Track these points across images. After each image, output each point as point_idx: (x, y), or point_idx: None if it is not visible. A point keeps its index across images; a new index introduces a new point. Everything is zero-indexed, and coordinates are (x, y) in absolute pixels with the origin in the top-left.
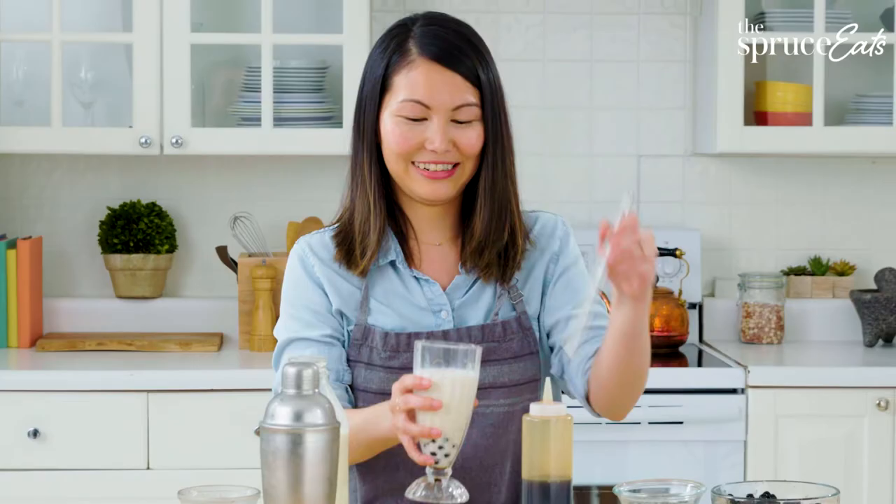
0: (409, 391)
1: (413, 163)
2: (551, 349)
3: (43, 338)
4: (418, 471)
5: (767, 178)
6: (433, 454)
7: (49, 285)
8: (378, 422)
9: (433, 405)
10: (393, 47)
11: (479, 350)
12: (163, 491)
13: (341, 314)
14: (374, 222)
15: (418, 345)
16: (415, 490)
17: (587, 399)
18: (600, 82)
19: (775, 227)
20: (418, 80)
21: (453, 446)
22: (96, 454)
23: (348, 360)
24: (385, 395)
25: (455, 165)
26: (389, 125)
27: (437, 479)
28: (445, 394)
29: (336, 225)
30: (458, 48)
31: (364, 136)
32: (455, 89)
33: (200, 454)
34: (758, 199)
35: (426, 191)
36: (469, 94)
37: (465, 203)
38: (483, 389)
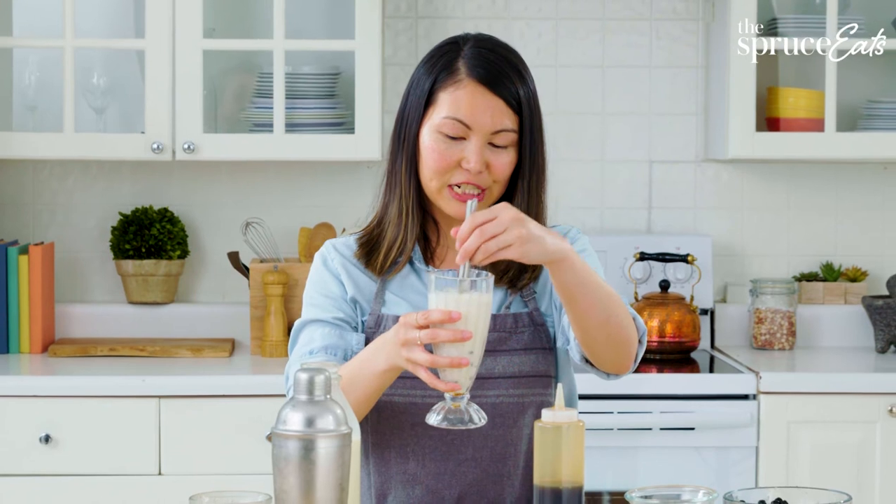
0: (426, 327)
1: (449, 186)
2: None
3: (55, 343)
4: (429, 459)
5: (779, 183)
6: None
7: (61, 291)
8: (372, 360)
9: (464, 336)
10: (442, 64)
11: (491, 276)
12: (174, 496)
13: (356, 302)
14: (408, 229)
15: (432, 275)
16: (434, 416)
17: (587, 361)
18: (612, 88)
19: (787, 233)
20: (463, 99)
21: (475, 368)
22: (108, 459)
23: (365, 343)
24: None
25: (483, 191)
26: (429, 140)
27: (455, 404)
28: (470, 322)
29: (361, 230)
30: (504, 73)
31: (405, 147)
32: (497, 113)
33: (212, 460)
34: (769, 204)
35: (455, 211)
36: (509, 120)
37: None
38: (493, 379)
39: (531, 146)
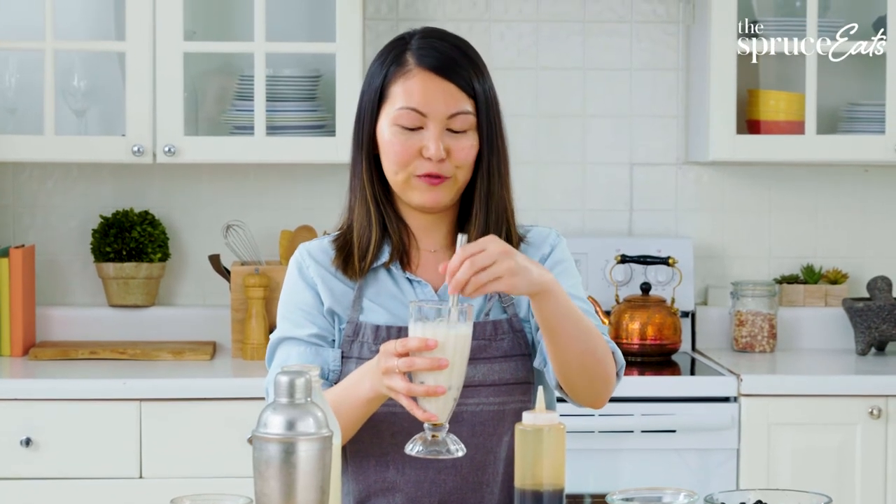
0: (405, 354)
1: (415, 176)
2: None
3: (35, 346)
4: (408, 468)
5: (760, 186)
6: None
7: (42, 293)
8: (357, 386)
9: (441, 364)
10: (391, 59)
11: (472, 307)
12: (155, 500)
13: (333, 313)
14: (372, 230)
15: (413, 305)
16: (413, 446)
17: (561, 388)
18: (593, 90)
19: (768, 236)
20: (414, 88)
21: (453, 400)
22: (89, 463)
23: (342, 357)
24: None
25: (446, 178)
26: (387, 135)
27: (434, 435)
28: (448, 351)
29: (337, 233)
30: (454, 60)
31: (363, 147)
32: (450, 98)
33: (193, 463)
34: (750, 207)
35: (424, 199)
36: (464, 104)
37: (462, 211)
38: (472, 387)
39: (489, 128)
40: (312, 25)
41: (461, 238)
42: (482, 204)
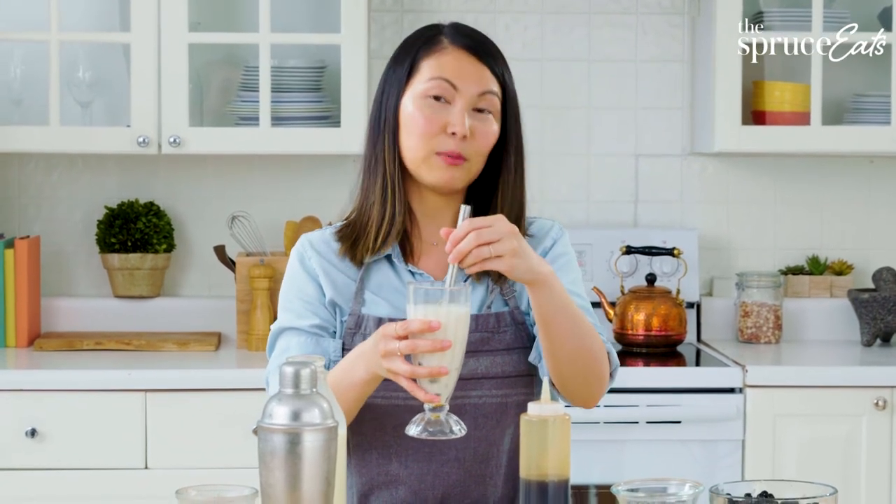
0: (405, 337)
1: (436, 154)
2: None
3: (41, 337)
4: (411, 460)
5: (765, 177)
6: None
7: (47, 284)
8: (352, 370)
9: (444, 346)
10: (423, 40)
11: (469, 286)
12: (161, 490)
13: (335, 305)
14: (395, 204)
15: (412, 286)
16: (414, 427)
17: (553, 385)
18: (598, 82)
19: (773, 227)
20: (448, 61)
21: (454, 380)
22: (94, 453)
23: (343, 349)
24: None
25: (464, 161)
26: (412, 108)
27: (435, 416)
28: (450, 332)
29: (340, 223)
30: (488, 45)
31: (385, 124)
32: (481, 77)
33: (198, 453)
34: (756, 198)
35: (439, 177)
36: (494, 85)
37: (467, 201)
38: (476, 380)
39: (513, 120)
40: (317, 16)
41: (464, 209)
42: (503, 202)
